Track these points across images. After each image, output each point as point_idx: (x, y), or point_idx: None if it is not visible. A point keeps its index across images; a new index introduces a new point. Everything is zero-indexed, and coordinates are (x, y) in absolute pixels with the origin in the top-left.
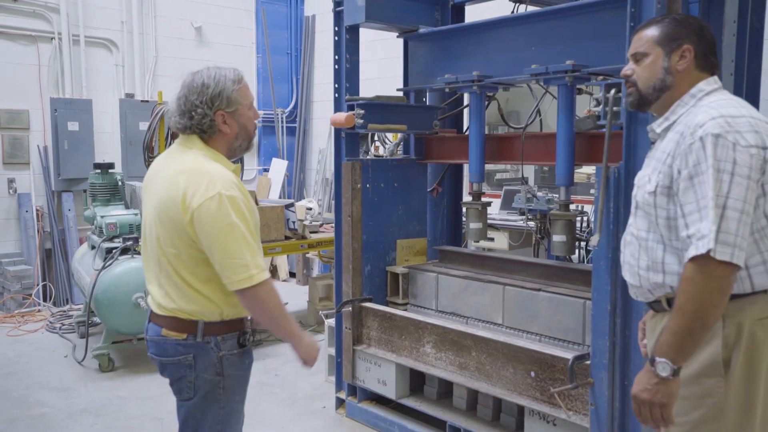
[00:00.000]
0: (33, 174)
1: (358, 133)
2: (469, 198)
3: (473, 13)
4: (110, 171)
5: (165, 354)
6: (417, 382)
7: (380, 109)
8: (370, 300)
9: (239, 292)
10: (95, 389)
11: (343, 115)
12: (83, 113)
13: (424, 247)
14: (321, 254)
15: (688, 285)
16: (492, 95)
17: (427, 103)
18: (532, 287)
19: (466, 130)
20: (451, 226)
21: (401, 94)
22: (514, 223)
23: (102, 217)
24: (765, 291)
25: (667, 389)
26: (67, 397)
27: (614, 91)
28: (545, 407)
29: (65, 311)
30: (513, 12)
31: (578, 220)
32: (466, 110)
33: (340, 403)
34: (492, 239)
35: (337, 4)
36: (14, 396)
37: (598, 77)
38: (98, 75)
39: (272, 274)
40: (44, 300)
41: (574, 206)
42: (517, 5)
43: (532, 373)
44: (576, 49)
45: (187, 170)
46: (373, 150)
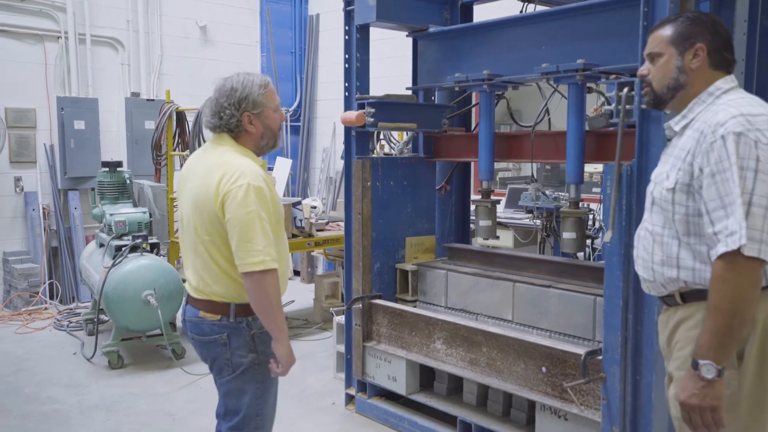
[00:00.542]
0: (39, 172)
1: (368, 132)
2: (476, 196)
3: (481, 13)
4: (118, 169)
5: (202, 333)
6: (427, 378)
7: (390, 108)
8: (379, 297)
9: (247, 275)
10: (105, 386)
11: (353, 114)
12: (89, 112)
13: (433, 245)
14: (326, 252)
15: (720, 283)
16: (501, 94)
17: (436, 102)
18: (542, 284)
19: (474, 129)
20: (459, 224)
21: (410, 92)
22: (519, 222)
23: (111, 215)
24: None
25: (714, 391)
26: (78, 393)
27: (627, 89)
28: (557, 402)
29: (72, 309)
30: (521, 11)
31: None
32: (474, 109)
33: (349, 399)
34: (497, 237)
35: (347, 3)
36: (26, 392)
37: (610, 76)
38: (104, 74)
39: None
40: (51, 298)
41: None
42: (526, 5)
43: (544, 369)
44: (586, 48)
45: (221, 164)
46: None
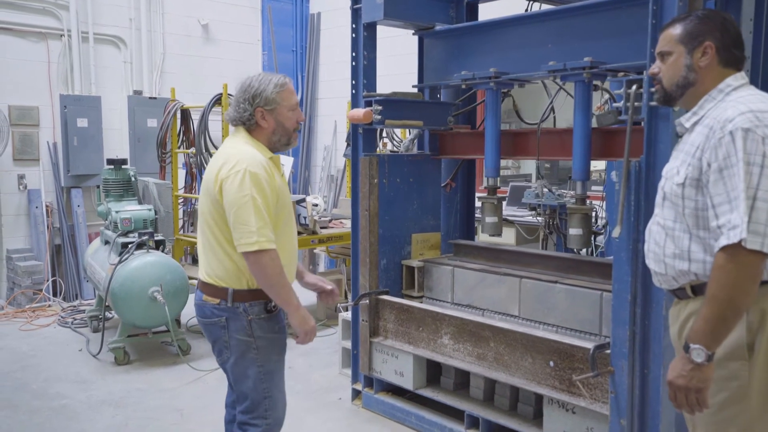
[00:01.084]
0: (43, 170)
1: (375, 129)
2: (481, 193)
3: (486, 12)
4: (123, 167)
5: (204, 315)
6: (433, 373)
7: (397, 105)
8: (386, 293)
9: (245, 255)
10: (113, 382)
11: (361, 111)
12: (92, 110)
13: (438, 242)
14: (329, 250)
15: (720, 273)
16: (507, 91)
17: (442, 100)
18: (548, 279)
19: (479, 126)
20: (464, 221)
21: (416, 90)
22: (521, 219)
23: (117, 212)
24: None
25: (701, 374)
26: (86, 389)
27: (635, 87)
28: (564, 396)
29: (75, 306)
30: (526, 10)
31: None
32: (479, 106)
33: (356, 394)
34: (499, 235)
35: (355, 2)
36: (33, 388)
37: (618, 74)
38: (107, 72)
39: None
40: (54, 295)
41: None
42: (531, 3)
43: (551, 363)
44: (591, 46)
45: (227, 152)
46: (381, 146)
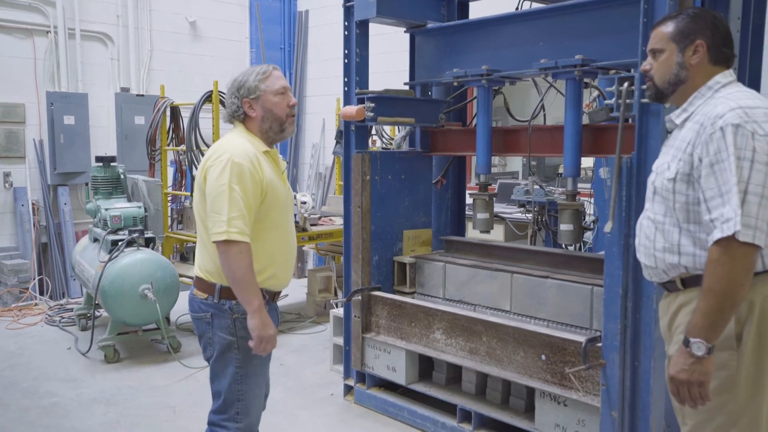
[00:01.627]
0: (29, 168)
1: (368, 126)
2: (472, 190)
3: (477, 10)
4: (112, 164)
5: (192, 309)
6: (425, 368)
7: (389, 103)
8: (379, 289)
9: (216, 245)
10: (103, 380)
11: (353, 108)
12: (79, 107)
13: (430, 238)
14: (318, 247)
15: (715, 266)
16: (498, 89)
17: (433, 97)
18: (539, 275)
19: (470, 123)
20: (455, 217)
21: (407, 87)
22: (510, 215)
23: (106, 210)
24: None
25: (702, 368)
26: (76, 387)
27: (627, 84)
28: (556, 389)
29: (62, 305)
30: (517, 8)
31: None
32: (469, 104)
33: (348, 390)
34: (489, 231)
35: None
36: (23, 386)
37: (609, 71)
38: (94, 69)
39: None
40: (40, 294)
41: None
42: (521, 1)
43: (543, 357)
44: (582, 44)
45: (218, 145)
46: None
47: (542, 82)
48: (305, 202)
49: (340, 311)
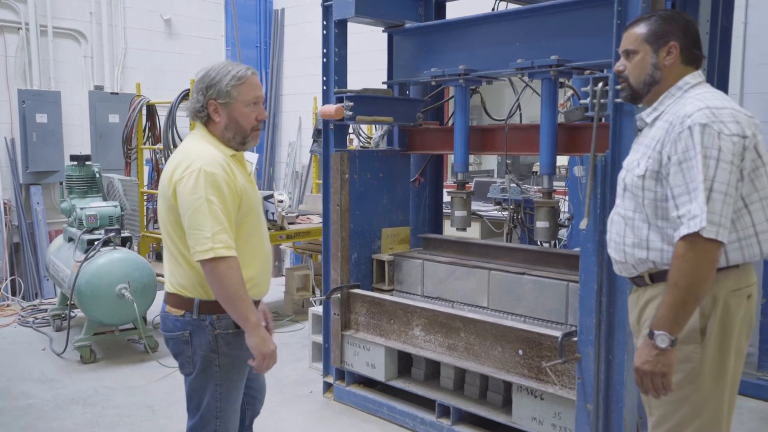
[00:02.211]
0: (0, 167)
1: (346, 125)
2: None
3: (454, 10)
4: (87, 163)
5: (166, 329)
6: (404, 364)
7: (368, 102)
8: (357, 287)
9: (201, 264)
10: (79, 380)
11: (332, 107)
12: (52, 105)
13: (408, 236)
14: (295, 245)
15: (680, 261)
16: (475, 88)
17: (411, 96)
18: (516, 271)
19: (447, 122)
20: (433, 215)
21: (385, 87)
22: (487, 213)
23: (81, 209)
24: (738, 266)
25: (666, 359)
26: (52, 388)
27: (602, 84)
28: (533, 383)
29: (36, 305)
30: (493, 8)
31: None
32: (447, 103)
33: (327, 387)
34: (466, 229)
35: None
36: None
37: (584, 71)
38: (67, 66)
39: None
40: (13, 294)
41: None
42: (497, 2)
43: (520, 352)
44: (558, 44)
45: (182, 150)
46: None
47: (518, 82)
48: (282, 201)
49: (319, 309)
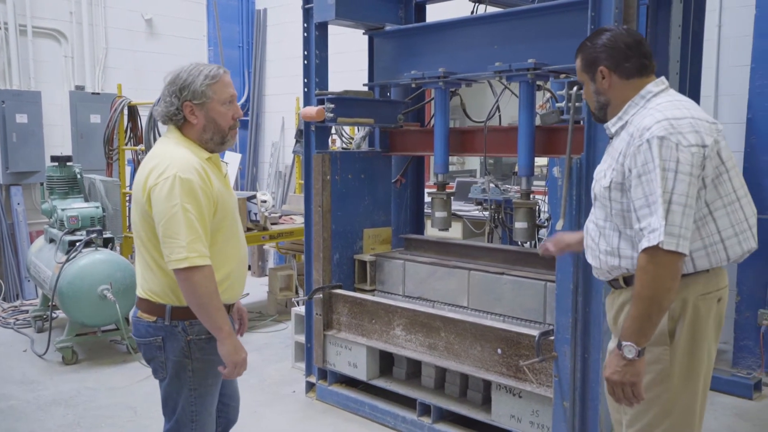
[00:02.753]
0: None
1: (328, 126)
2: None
3: (434, 12)
4: (68, 164)
5: (138, 335)
6: (386, 364)
7: (349, 104)
8: (339, 287)
9: (175, 273)
10: (61, 381)
11: (314, 109)
12: (32, 105)
13: (389, 236)
14: (278, 246)
15: (642, 274)
16: (455, 90)
17: (392, 98)
18: (495, 271)
19: (428, 124)
20: (414, 216)
21: (366, 89)
22: (468, 213)
23: (63, 210)
24: (706, 271)
25: (634, 369)
26: (33, 389)
27: (576, 88)
28: (511, 381)
29: (17, 306)
30: (473, 12)
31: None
32: (428, 105)
33: (310, 387)
34: (448, 229)
35: (306, 2)
36: None
37: (561, 75)
38: (47, 66)
39: None
40: None
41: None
42: (476, 5)
43: (499, 351)
44: (536, 48)
45: (155, 156)
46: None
47: (497, 84)
48: (266, 201)
49: (301, 309)
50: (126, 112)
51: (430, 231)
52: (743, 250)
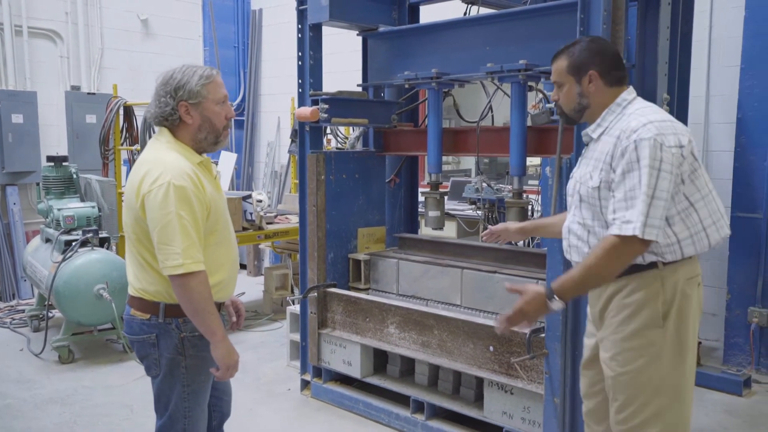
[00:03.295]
0: None
1: (322, 127)
2: (424, 188)
3: (427, 13)
4: (64, 164)
5: (132, 332)
6: (380, 361)
7: (343, 104)
8: (334, 286)
9: (171, 278)
10: (58, 380)
11: (308, 110)
12: (28, 105)
13: (384, 235)
14: (274, 245)
15: (602, 253)
16: (448, 91)
17: (385, 99)
18: (488, 270)
19: (421, 124)
20: (408, 215)
21: (360, 89)
22: (462, 212)
23: (59, 210)
24: (691, 257)
25: (546, 314)
26: (30, 388)
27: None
28: (503, 378)
29: (13, 306)
30: (465, 13)
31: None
32: (421, 105)
33: (305, 384)
34: (441, 228)
35: (300, 3)
36: None
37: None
38: (42, 67)
39: None
40: None
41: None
42: (469, 6)
43: (491, 348)
44: (528, 49)
45: (148, 160)
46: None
47: (490, 85)
48: (261, 201)
49: (296, 308)
50: (122, 112)
51: (424, 230)
52: (720, 236)
